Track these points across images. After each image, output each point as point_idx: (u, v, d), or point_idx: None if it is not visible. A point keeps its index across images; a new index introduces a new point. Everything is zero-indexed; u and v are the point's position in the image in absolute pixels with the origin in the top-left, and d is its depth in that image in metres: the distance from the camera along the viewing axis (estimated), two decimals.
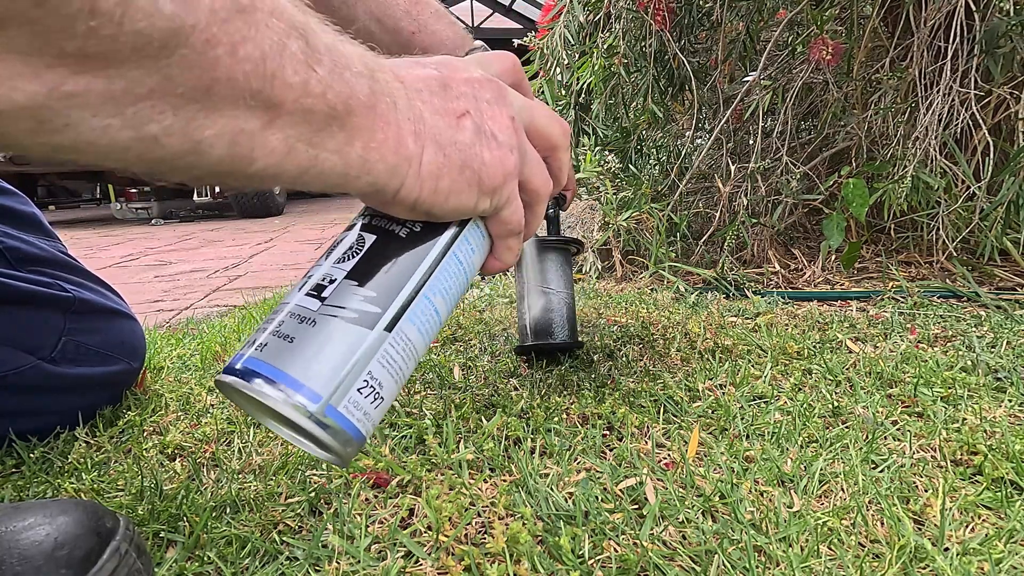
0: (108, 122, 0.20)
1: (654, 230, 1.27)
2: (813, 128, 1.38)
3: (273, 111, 0.23)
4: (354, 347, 0.29)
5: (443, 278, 0.33)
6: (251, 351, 0.29)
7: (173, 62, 0.20)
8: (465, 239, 0.34)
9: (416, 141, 0.29)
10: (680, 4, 1.24)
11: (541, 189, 0.36)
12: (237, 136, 0.23)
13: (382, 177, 0.28)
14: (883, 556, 0.39)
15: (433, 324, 0.33)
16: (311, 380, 0.28)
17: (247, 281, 1.79)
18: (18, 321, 0.55)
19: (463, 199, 0.31)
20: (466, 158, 0.30)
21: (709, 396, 0.63)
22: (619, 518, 0.43)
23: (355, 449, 0.30)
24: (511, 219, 0.35)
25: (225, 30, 0.21)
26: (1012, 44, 1.01)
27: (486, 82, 0.33)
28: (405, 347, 0.31)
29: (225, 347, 0.85)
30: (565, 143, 0.38)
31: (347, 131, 0.26)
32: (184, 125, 0.22)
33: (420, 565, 0.40)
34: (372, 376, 0.29)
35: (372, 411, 0.30)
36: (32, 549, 0.31)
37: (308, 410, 0.27)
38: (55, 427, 0.59)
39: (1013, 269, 1.08)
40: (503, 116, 0.32)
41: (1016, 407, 0.59)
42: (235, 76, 0.21)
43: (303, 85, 0.24)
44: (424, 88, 0.30)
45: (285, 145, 0.24)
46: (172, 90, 0.21)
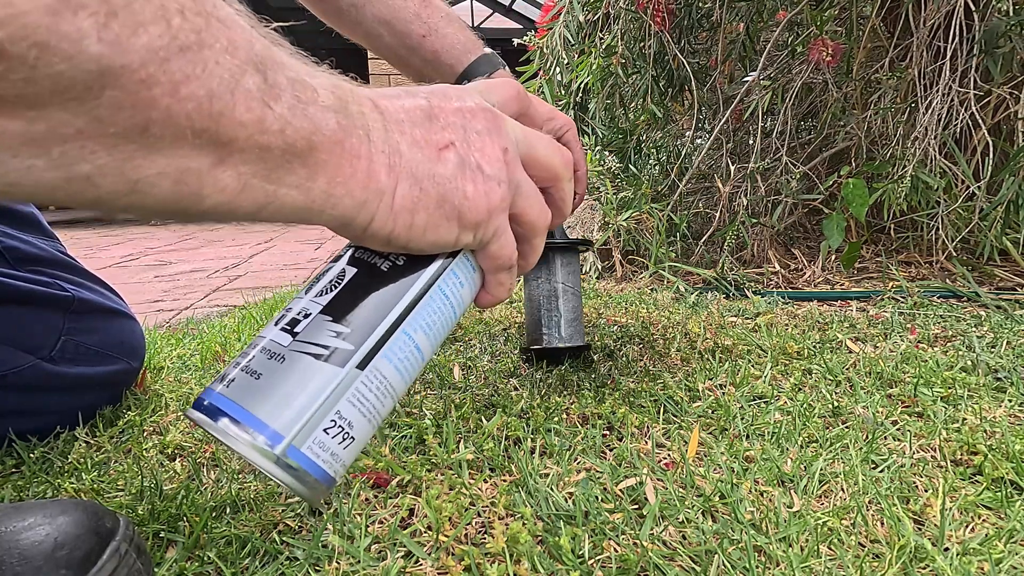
0: (31, 163, 0.19)
1: (654, 230, 1.27)
2: (813, 128, 1.38)
3: (224, 149, 0.22)
4: (322, 386, 0.28)
5: (426, 313, 0.32)
6: (220, 387, 0.28)
7: (102, 103, 0.19)
8: (452, 272, 0.33)
9: (390, 174, 0.28)
10: (680, 5, 1.25)
11: (537, 221, 0.34)
12: (183, 175, 0.22)
13: (349, 212, 0.27)
14: (883, 556, 0.39)
15: (414, 361, 0.32)
16: (274, 420, 0.27)
17: (247, 281, 1.79)
18: (17, 321, 0.55)
19: (441, 233, 0.30)
20: (445, 192, 0.29)
21: (709, 396, 0.63)
22: (619, 518, 0.43)
23: (323, 491, 0.29)
24: (500, 254, 0.33)
25: (164, 69, 0.20)
26: (1011, 44, 1.01)
27: (479, 112, 0.32)
28: (380, 385, 0.30)
29: (225, 347, 0.85)
30: (568, 174, 0.37)
31: (309, 167, 0.25)
32: (120, 165, 0.21)
33: (420, 565, 0.40)
34: (341, 416, 0.28)
35: (341, 452, 0.29)
36: (32, 549, 0.31)
37: (271, 452, 0.26)
38: (55, 427, 0.59)
39: (1013, 269, 1.08)
40: (493, 148, 0.31)
41: (1016, 407, 0.59)
42: (175, 115, 0.21)
43: (257, 123, 0.23)
44: (406, 119, 0.29)
45: (238, 182, 0.24)
46: (103, 131, 0.20)
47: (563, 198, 0.37)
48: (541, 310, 0.68)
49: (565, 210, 0.38)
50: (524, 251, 0.36)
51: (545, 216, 0.35)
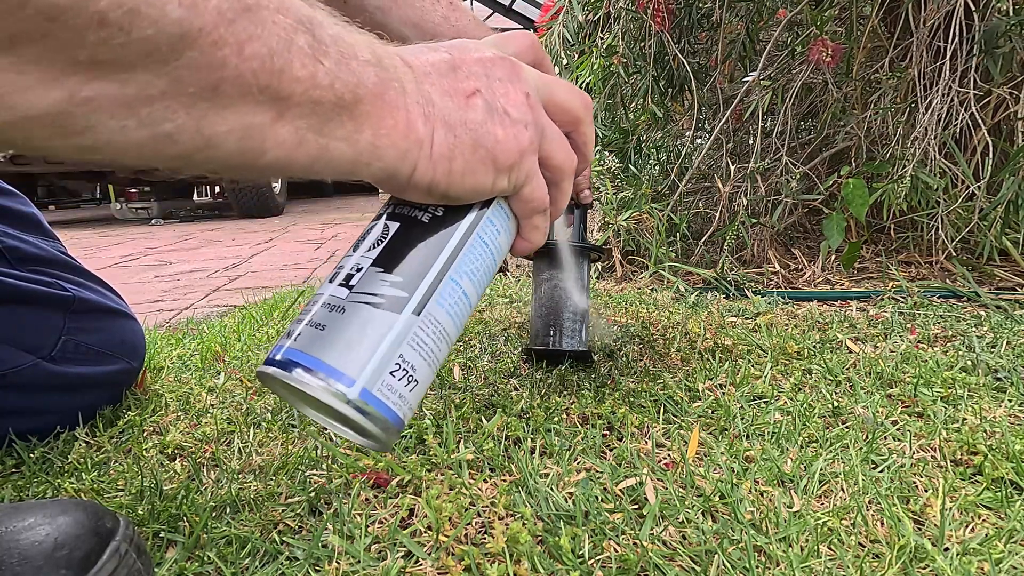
0: (125, 123, 0.21)
1: (654, 230, 1.27)
2: (813, 128, 1.38)
3: (282, 104, 0.24)
4: (384, 332, 0.29)
5: (469, 260, 0.33)
6: (288, 342, 0.30)
7: (182, 64, 0.21)
8: (489, 220, 0.34)
9: (426, 124, 0.29)
10: (680, 5, 1.25)
11: (564, 164, 0.35)
12: (248, 130, 0.24)
13: (393, 162, 0.28)
14: (883, 556, 0.39)
15: (463, 306, 0.33)
16: (346, 366, 0.28)
17: (247, 281, 1.79)
18: (18, 320, 0.55)
19: (479, 178, 0.31)
20: (478, 136, 0.30)
21: (709, 396, 0.63)
22: (619, 518, 0.43)
23: (395, 433, 0.30)
24: (533, 196, 0.35)
25: (231, 30, 0.21)
26: (1011, 44, 1.01)
27: (498, 60, 0.33)
28: (435, 330, 0.32)
29: (225, 347, 0.85)
30: (588, 117, 0.38)
31: (356, 119, 0.27)
32: (196, 123, 0.23)
33: (420, 565, 0.40)
34: (404, 359, 0.30)
35: (408, 394, 0.30)
36: (32, 549, 0.31)
37: (346, 396, 0.28)
38: (55, 427, 0.59)
39: (1013, 269, 1.08)
40: (516, 92, 0.32)
41: (1016, 407, 0.59)
42: (243, 74, 0.22)
43: (311, 78, 0.24)
44: (433, 71, 0.30)
45: (295, 136, 0.25)
46: (182, 90, 0.21)
47: (585, 142, 0.38)
48: (548, 311, 0.68)
49: (588, 153, 0.39)
50: (554, 196, 0.36)
51: (571, 159, 0.36)
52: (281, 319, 1.02)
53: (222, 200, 4.57)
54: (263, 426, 0.59)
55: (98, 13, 0.18)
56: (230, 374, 0.74)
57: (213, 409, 0.64)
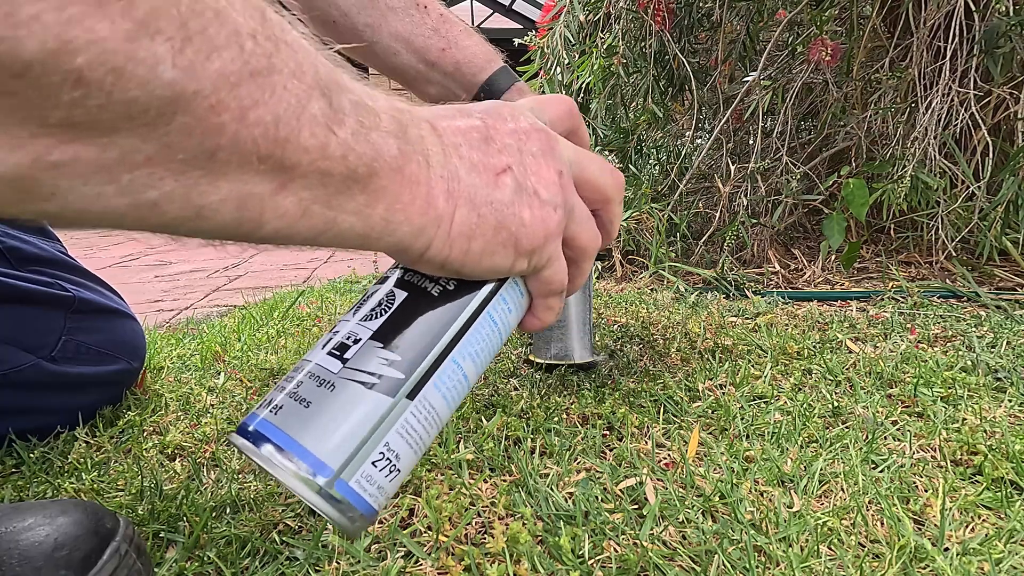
0: (101, 190, 0.19)
1: (654, 230, 1.27)
2: (813, 128, 1.38)
3: (286, 174, 0.22)
4: (372, 416, 0.27)
5: (475, 340, 0.31)
6: (266, 412, 0.28)
7: (172, 129, 0.19)
8: (502, 298, 0.32)
9: (448, 200, 0.27)
10: (680, 5, 1.25)
11: (589, 245, 0.34)
12: (245, 200, 0.22)
13: (407, 238, 0.27)
14: (883, 556, 0.39)
15: (460, 389, 0.31)
16: (322, 452, 0.26)
17: (247, 281, 1.79)
18: (19, 320, 0.55)
19: (497, 260, 0.29)
20: (502, 218, 0.29)
21: (709, 396, 0.63)
22: (619, 518, 0.43)
23: (364, 523, 0.28)
24: (552, 279, 0.33)
25: (234, 95, 0.20)
26: (1011, 44, 1.01)
27: (534, 133, 0.31)
28: (428, 415, 0.29)
29: (225, 347, 0.85)
30: (618, 196, 0.36)
31: (369, 193, 0.25)
32: (186, 191, 0.21)
33: (420, 565, 0.40)
34: (389, 448, 0.28)
35: (386, 484, 0.28)
36: (32, 550, 0.31)
37: (316, 484, 0.26)
38: (55, 427, 0.59)
39: (1013, 269, 1.08)
40: (549, 171, 0.30)
41: (1016, 407, 0.59)
42: (242, 141, 0.20)
43: (321, 148, 0.22)
44: (463, 142, 0.29)
45: (299, 208, 0.23)
46: (172, 157, 0.20)
47: (611, 220, 0.36)
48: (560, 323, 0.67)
49: (613, 232, 0.37)
50: (573, 274, 0.35)
51: (596, 240, 0.34)
52: (281, 319, 1.02)
53: None
54: None
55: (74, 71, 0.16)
56: (230, 374, 0.74)
57: (213, 409, 0.64)
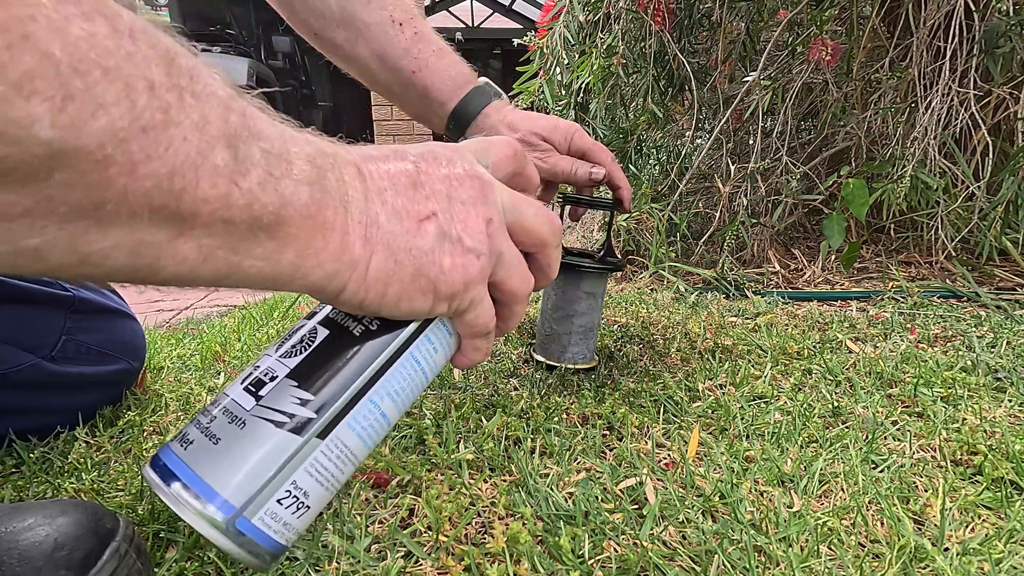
0: None
1: (654, 230, 1.27)
2: (813, 128, 1.38)
3: (184, 223, 0.22)
4: (279, 455, 0.27)
5: (395, 380, 0.31)
6: (177, 447, 0.28)
7: (52, 183, 0.18)
8: (427, 338, 0.32)
9: (365, 246, 0.27)
10: (680, 5, 1.25)
11: (517, 290, 0.34)
12: (139, 247, 0.21)
13: (319, 281, 0.27)
14: (883, 556, 0.39)
15: (378, 428, 0.31)
16: (227, 489, 0.26)
17: None
18: (18, 319, 0.55)
19: (416, 304, 0.30)
20: (421, 265, 0.29)
21: (709, 396, 0.63)
22: (619, 518, 0.43)
23: (271, 559, 0.28)
24: (476, 323, 0.33)
25: (123, 149, 0.19)
26: (1011, 44, 1.01)
27: (467, 179, 0.31)
28: (340, 454, 0.29)
29: (225, 347, 0.85)
30: (555, 240, 0.36)
31: (277, 239, 0.25)
32: (71, 240, 0.20)
33: (420, 565, 0.40)
34: (296, 486, 0.28)
35: (294, 521, 0.28)
36: (32, 550, 0.31)
37: (217, 521, 0.26)
38: (55, 427, 0.59)
39: (1013, 269, 1.08)
40: (477, 219, 0.30)
41: (1016, 407, 0.59)
42: (132, 193, 0.20)
43: (223, 198, 0.22)
44: (389, 187, 0.29)
45: (199, 254, 0.23)
46: (53, 209, 0.19)
47: (549, 263, 0.37)
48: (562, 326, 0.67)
49: (550, 274, 0.37)
50: (504, 315, 0.35)
51: (527, 284, 0.35)
52: (281, 319, 1.02)
53: None
54: None
55: None
56: (230, 374, 0.74)
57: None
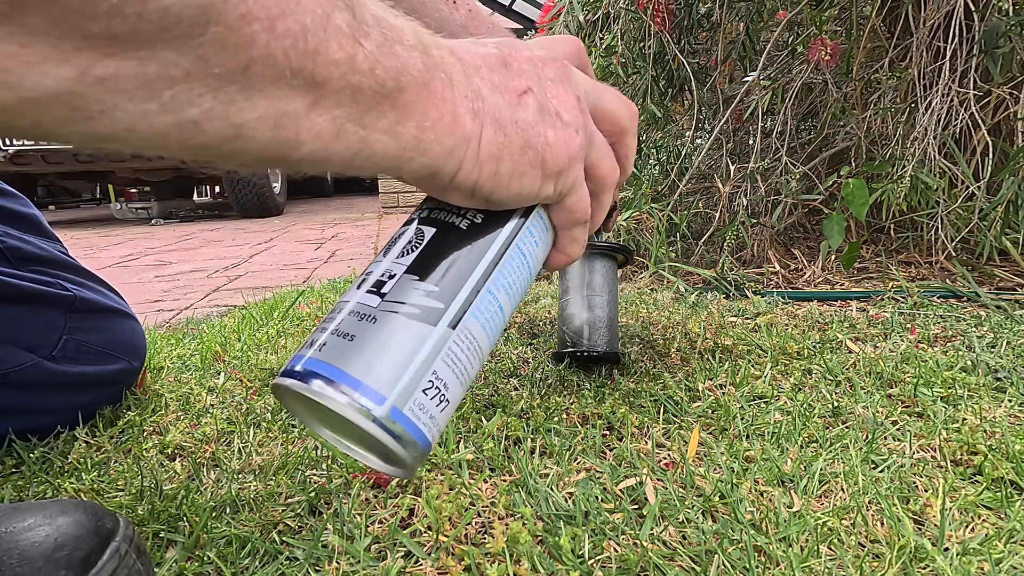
0: (145, 107, 0.19)
1: (654, 230, 1.27)
2: (813, 128, 1.38)
3: (318, 90, 0.22)
4: (418, 345, 0.27)
5: (507, 272, 0.31)
6: (310, 352, 0.27)
7: (207, 40, 0.19)
8: (528, 231, 0.32)
9: (474, 120, 0.27)
10: (680, 5, 1.25)
11: (608, 176, 0.34)
12: (281, 119, 0.22)
13: (438, 159, 0.27)
14: (883, 556, 0.39)
15: (498, 321, 0.31)
16: (375, 381, 0.26)
17: (247, 281, 1.79)
18: (19, 319, 0.55)
19: (525, 183, 0.29)
20: (528, 137, 0.29)
21: (709, 396, 0.63)
22: (619, 518, 0.43)
23: (421, 456, 0.28)
24: (577, 207, 0.33)
25: (261, 4, 0.20)
26: (1011, 44, 1.01)
27: (550, 61, 0.31)
28: (470, 345, 0.29)
29: (225, 347, 0.85)
30: (633, 127, 0.36)
31: (399, 110, 0.25)
32: (224, 108, 0.21)
33: (420, 565, 0.40)
34: (437, 376, 0.28)
35: (438, 414, 0.28)
36: (32, 550, 0.31)
37: (373, 413, 0.25)
38: (55, 427, 0.59)
39: (1013, 269, 1.08)
40: (568, 95, 0.31)
41: (1016, 407, 0.59)
42: (274, 53, 0.20)
43: (349, 61, 0.22)
44: (483, 65, 0.29)
45: (333, 127, 0.23)
46: (208, 71, 0.20)
47: (627, 154, 0.36)
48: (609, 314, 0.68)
49: (628, 167, 0.37)
50: (594, 208, 0.35)
51: (615, 170, 0.34)
52: (281, 319, 1.02)
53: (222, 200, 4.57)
54: (263, 426, 0.59)
55: None
56: (230, 374, 0.74)
57: (213, 409, 0.64)
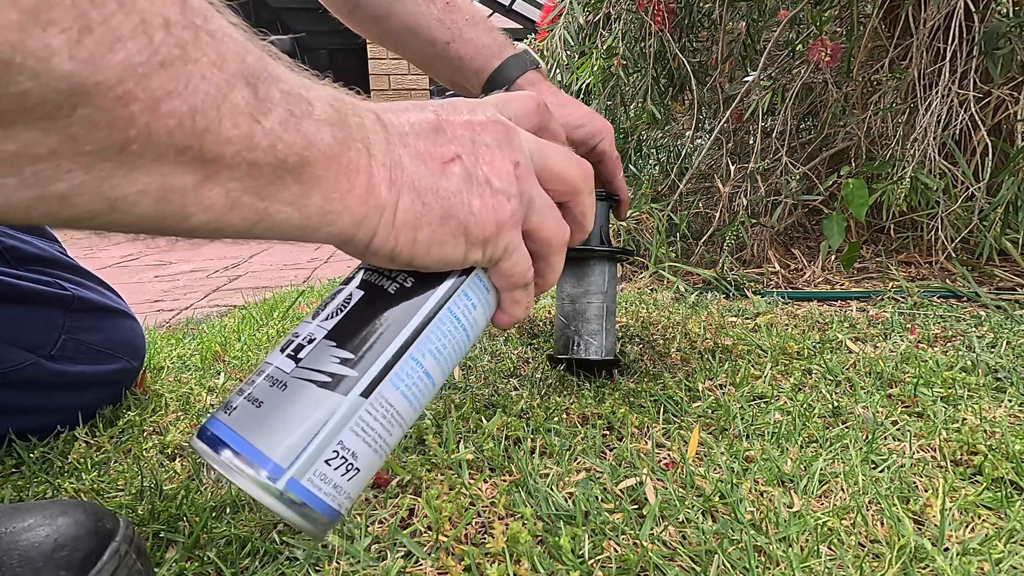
0: (2, 182, 0.18)
1: (654, 230, 1.27)
2: (813, 128, 1.38)
3: (210, 166, 0.21)
4: (323, 415, 0.27)
5: (436, 337, 0.31)
6: (223, 415, 0.28)
7: (75, 121, 0.18)
8: (463, 294, 0.32)
9: (391, 189, 0.27)
10: (680, 5, 1.25)
11: (552, 237, 0.33)
12: (166, 193, 0.21)
13: (348, 228, 0.26)
14: (883, 556, 0.39)
15: (423, 387, 0.31)
16: (275, 451, 0.26)
17: (247, 281, 1.79)
18: (18, 319, 0.55)
19: (447, 250, 0.29)
20: (449, 207, 0.28)
21: (709, 396, 0.63)
22: (619, 518, 0.43)
23: (326, 525, 0.28)
24: (513, 271, 0.32)
25: (143, 86, 0.19)
26: (1011, 45, 1.01)
27: (490, 125, 0.30)
28: (386, 413, 0.29)
29: (225, 347, 0.85)
30: (587, 186, 0.35)
31: (303, 183, 0.24)
32: (98, 184, 0.20)
33: (420, 565, 0.40)
34: (343, 446, 0.27)
35: (345, 484, 0.28)
36: (32, 550, 0.31)
37: (272, 487, 0.26)
38: (55, 427, 0.59)
39: (1013, 269, 1.08)
40: (503, 160, 0.30)
41: (1016, 407, 0.59)
42: (156, 132, 0.20)
43: (245, 138, 0.22)
44: (410, 131, 0.28)
45: (226, 200, 0.23)
46: (78, 150, 0.19)
47: (583, 212, 0.35)
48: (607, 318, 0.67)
49: (586, 224, 0.36)
50: (541, 269, 0.34)
51: (562, 232, 0.33)
52: (281, 319, 1.02)
53: None
54: None
55: None
56: (230, 374, 0.74)
57: (213, 409, 0.64)
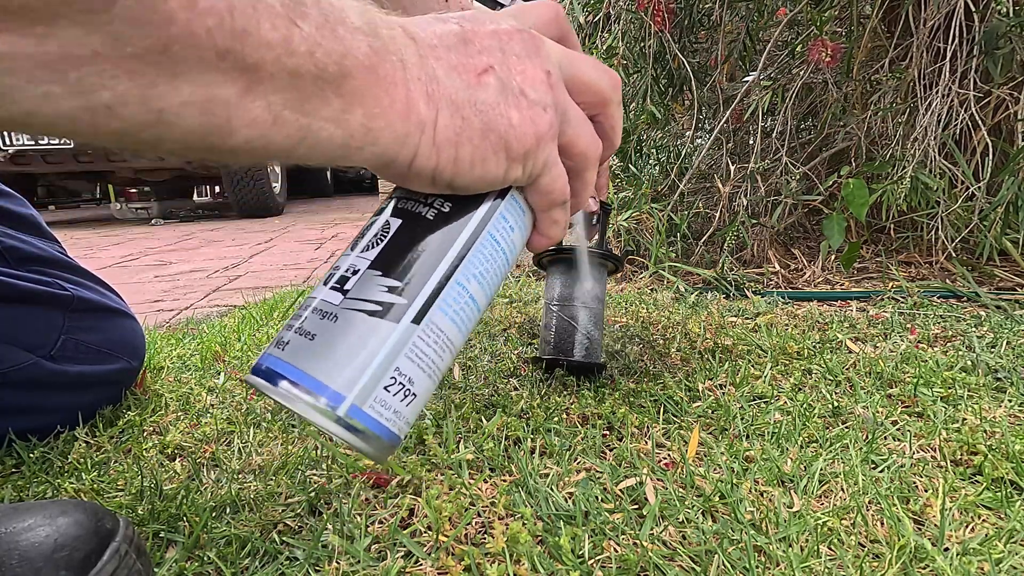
0: (47, 89, 0.17)
1: (654, 230, 1.27)
2: (813, 128, 1.38)
3: (251, 74, 0.20)
4: (379, 343, 0.27)
5: (478, 260, 0.30)
6: (275, 350, 0.28)
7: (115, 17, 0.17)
8: (502, 216, 0.31)
9: (429, 104, 0.25)
10: (680, 5, 1.25)
11: (588, 151, 0.32)
12: (209, 105, 0.20)
13: (391, 147, 0.25)
14: (883, 556, 0.39)
15: (470, 312, 0.31)
16: (334, 380, 0.26)
17: (247, 281, 1.79)
18: (18, 319, 0.55)
19: (489, 167, 0.28)
20: (488, 119, 0.27)
21: (709, 396, 0.63)
22: (619, 518, 0.43)
23: (389, 450, 0.29)
24: (552, 187, 0.31)
25: None
26: (1011, 45, 1.01)
27: (516, 34, 0.29)
28: (437, 339, 0.29)
29: (225, 347, 0.85)
30: (616, 96, 0.33)
31: (344, 96, 0.23)
32: (142, 92, 0.19)
33: (420, 565, 0.40)
34: (400, 372, 0.28)
35: (404, 409, 0.28)
36: (32, 550, 0.31)
37: (333, 414, 0.26)
38: (55, 427, 0.59)
39: (1013, 269, 1.08)
40: (535, 70, 0.29)
41: (1016, 407, 0.59)
42: (195, 33, 0.18)
43: (284, 43, 0.21)
44: (439, 44, 0.27)
45: (269, 114, 0.21)
46: (121, 51, 0.18)
47: (613, 125, 0.34)
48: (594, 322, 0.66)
49: (615, 138, 0.35)
50: (575, 187, 0.33)
51: (596, 145, 0.32)
52: (281, 319, 1.02)
53: (222, 200, 4.57)
54: (263, 426, 0.59)
55: None
56: (230, 374, 0.74)
57: (213, 409, 0.64)
